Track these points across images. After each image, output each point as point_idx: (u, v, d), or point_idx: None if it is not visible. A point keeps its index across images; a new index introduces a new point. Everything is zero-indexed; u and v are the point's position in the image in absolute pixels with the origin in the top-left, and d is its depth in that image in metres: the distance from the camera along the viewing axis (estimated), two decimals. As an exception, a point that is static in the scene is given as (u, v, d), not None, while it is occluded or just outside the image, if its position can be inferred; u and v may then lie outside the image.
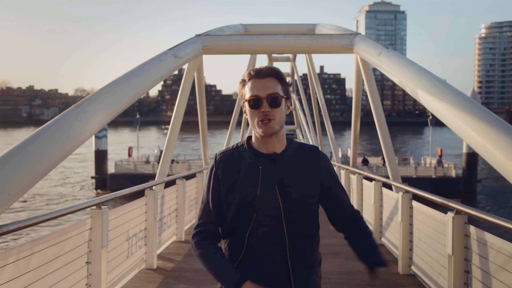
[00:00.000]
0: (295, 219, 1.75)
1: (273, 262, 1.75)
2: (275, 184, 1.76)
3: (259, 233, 1.75)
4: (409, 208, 5.39)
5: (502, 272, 3.16)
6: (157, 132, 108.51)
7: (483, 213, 3.36)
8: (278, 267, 1.75)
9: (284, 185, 1.76)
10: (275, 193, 1.76)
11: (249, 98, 1.76)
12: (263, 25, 10.47)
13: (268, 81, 1.77)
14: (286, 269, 1.75)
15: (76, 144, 3.47)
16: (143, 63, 5.20)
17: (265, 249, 1.75)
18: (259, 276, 1.75)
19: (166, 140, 7.74)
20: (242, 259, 1.78)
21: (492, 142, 3.13)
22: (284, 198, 1.75)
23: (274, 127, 1.75)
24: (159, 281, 5.09)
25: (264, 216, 1.75)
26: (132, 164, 32.53)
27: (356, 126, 9.16)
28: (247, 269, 1.77)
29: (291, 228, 1.74)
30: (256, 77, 1.77)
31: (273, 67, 1.82)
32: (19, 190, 2.78)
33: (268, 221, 1.75)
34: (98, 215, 4.02)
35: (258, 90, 1.75)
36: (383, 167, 30.08)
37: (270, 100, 1.74)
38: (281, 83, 1.80)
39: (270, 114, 1.74)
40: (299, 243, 1.76)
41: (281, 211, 1.74)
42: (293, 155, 1.83)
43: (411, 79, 4.74)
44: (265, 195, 1.75)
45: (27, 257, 3.00)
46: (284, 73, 1.86)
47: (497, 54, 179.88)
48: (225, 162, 1.84)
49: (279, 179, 1.77)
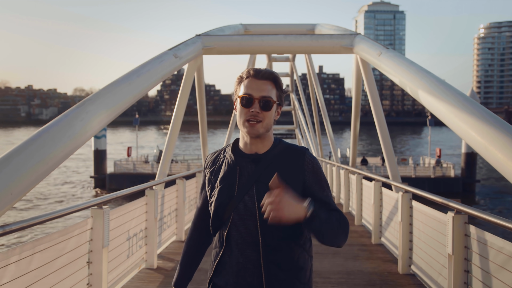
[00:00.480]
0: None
1: (251, 262, 1.75)
2: (253, 184, 1.77)
3: (237, 232, 1.77)
4: (409, 208, 5.40)
5: (502, 271, 3.17)
6: (156, 132, 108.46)
7: (484, 212, 3.38)
8: (256, 268, 1.75)
9: (262, 185, 1.75)
10: (252, 193, 1.76)
11: (242, 95, 1.77)
12: (262, 25, 10.48)
13: (265, 83, 1.78)
14: (261, 270, 1.75)
15: (78, 144, 3.48)
16: (143, 63, 5.21)
17: (243, 248, 1.76)
18: (239, 275, 1.76)
19: (166, 140, 7.74)
20: (222, 257, 1.81)
21: (492, 142, 3.15)
22: (260, 198, 1.72)
23: (259, 130, 1.76)
24: (159, 281, 5.10)
25: (240, 216, 1.76)
26: (131, 164, 32.53)
27: (355, 126, 9.17)
28: (228, 267, 1.79)
29: (265, 229, 1.72)
30: (254, 77, 1.79)
31: (272, 71, 1.83)
32: (21, 190, 2.79)
33: (244, 220, 1.76)
34: (99, 215, 4.03)
35: (253, 90, 1.76)
36: (382, 167, 30.11)
37: (263, 102, 1.76)
38: (276, 89, 1.81)
39: (259, 116, 1.75)
40: (274, 245, 1.74)
41: (256, 211, 1.73)
42: (276, 156, 1.81)
43: (412, 80, 4.75)
44: (242, 194, 1.77)
45: (29, 256, 3.01)
46: (282, 80, 1.86)
47: (496, 54, 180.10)
48: (212, 162, 1.93)
49: (257, 179, 1.77)
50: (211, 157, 1.97)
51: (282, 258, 1.75)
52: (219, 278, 1.82)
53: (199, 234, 2.01)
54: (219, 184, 1.83)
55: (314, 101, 19.08)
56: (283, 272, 1.75)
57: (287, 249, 1.76)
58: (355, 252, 6.52)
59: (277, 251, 1.75)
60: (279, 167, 1.78)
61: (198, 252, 2.02)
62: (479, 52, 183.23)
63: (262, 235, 1.73)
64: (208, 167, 1.94)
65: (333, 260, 5.97)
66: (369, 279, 5.26)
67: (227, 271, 1.79)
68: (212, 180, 1.88)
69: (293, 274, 1.77)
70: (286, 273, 1.76)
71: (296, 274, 1.78)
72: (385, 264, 5.90)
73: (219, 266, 1.82)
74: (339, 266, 5.75)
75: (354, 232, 8.09)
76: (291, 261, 1.77)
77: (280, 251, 1.75)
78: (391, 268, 5.70)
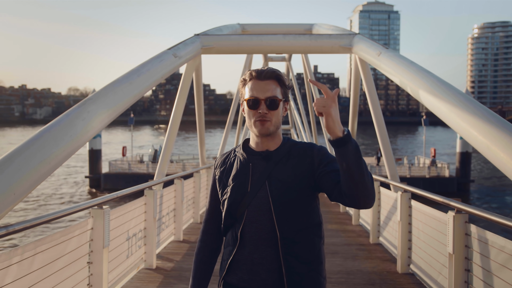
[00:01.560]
0: (285, 213, 1.76)
1: (266, 258, 1.76)
2: (265, 180, 1.80)
3: (251, 228, 1.79)
4: (408, 208, 5.42)
5: (503, 270, 3.19)
6: (151, 132, 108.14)
7: (485, 211, 3.39)
8: (271, 263, 1.76)
9: (274, 181, 1.79)
10: (265, 188, 1.79)
11: (248, 98, 1.80)
12: (260, 25, 10.49)
13: (268, 83, 1.81)
14: (279, 264, 1.76)
15: (80, 143, 3.47)
16: (143, 63, 5.19)
17: (258, 245, 1.77)
18: (253, 272, 1.77)
19: (165, 140, 7.72)
20: (236, 256, 1.82)
21: (495, 141, 3.16)
22: (273, 193, 1.76)
23: (269, 128, 1.80)
24: (159, 281, 5.09)
25: (255, 212, 1.79)
26: (126, 164, 32.41)
27: (353, 126, 9.19)
28: (241, 264, 1.80)
29: (282, 222, 1.75)
30: (257, 79, 1.81)
31: (274, 69, 1.86)
32: (24, 190, 2.78)
33: (259, 216, 1.78)
34: (99, 215, 4.02)
35: (258, 92, 1.79)
36: (377, 167, 30.19)
37: (269, 102, 1.79)
38: (280, 86, 1.84)
39: (267, 116, 1.79)
40: (292, 237, 1.76)
41: (271, 206, 1.76)
42: (286, 152, 1.84)
43: (412, 79, 4.77)
44: (255, 191, 1.80)
45: (31, 257, 3.00)
46: (284, 76, 1.88)
47: (490, 54, 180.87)
48: (222, 163, 1.96)
49: (269, 175, 1.80)
50: (221, 158, 1.99)
51: (301, 250, 1.77)
52: (232, 276, 1.83)
53: (212, 240, 1.98)
54: (232, 182, 1.86)
55: (311, 101, 19.10)
56: (303, 265, 1.76)
57: (306, 241, 1.79)
58: (354, 252, 6.54)
59: (295, 244, 1.76)
60: (289, 162, 1.82)
61: (212, 261, 1.99)
62: (473, 52, 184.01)
63: (279, 228, 1.75)
64: (219, 167, 1.96)
65: (332, 260, 5.98)
66: (368, 278, 5.27)
67: (241, 269, 1.81)
68: (224, 179, 1.90)
69: (314, 267, 1.79)
70: (306, 266, 1.77)
71: (317, 267, 1.80)
72: (384, 263, 5.92)
73: (233, 263, 1.83)
74: (338, 266, 5.76)
75: (351, 232, 8.11)
76: (310, 253, 1.79)
77: (299, 243, 1.77)
78: (390, 267, 5.72)
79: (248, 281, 1.79)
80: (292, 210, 1.77)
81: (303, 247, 1.78)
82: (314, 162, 1.80)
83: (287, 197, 1.77)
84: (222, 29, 8.60)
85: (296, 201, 1.78)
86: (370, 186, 1.61)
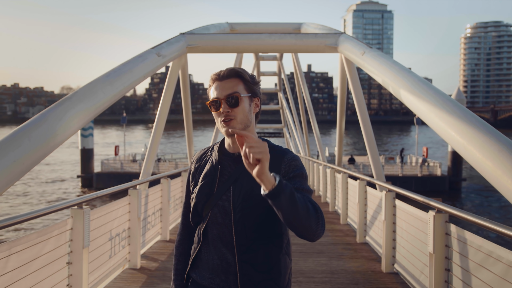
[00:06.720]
0: (244, 220, 1.73)
1: (226, 260, 1.76)
2: (231, 184, 1.78)
3: (214, 230, 1.78)
4: (392, 207, 5.43)
5: (481, 270, 3.19)
6: (144, 131, 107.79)
7: (463, 212, 3.41)
8: (230, 266, 1.75)
9: (239, 186, 1.76)
10: (230, 192, 1.77)
11: (210, 101, 1.78)
12: (249, 24, 10.46)
13: (228, 82, 1.77)
14: (236, 269, 1.74)
15: (56, 143, 3.43)
16: (125, 62, 5.15)
17: (218, 246, 1.77)
18: (213, 271, 1.78)
19: (150, 139, 7.70)
20: (198, 253, 1.83)
21: (471, 141, 3.17)
22: (235, 198, 1.74)
23: (235, 127, 1.75)
24: (142, 281, 5.06)
25: (218, 214, 1.78)
26: (118, 163, 32.28)
27: (341, 125, 9.20)
28: (204, 263, 1.81)
29: (239, 228, 1.73)
30: (217, 80, 1.79)
31: (235, 67, 1.82)
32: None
33: (221, 219, 1.77)
34: (79, 215, 3.98)
35: (218, 92, 1.76)
36: (370, 166, 30.28)
37: (229, 100, 1.75)
38: (243, 82, 1.79)
39: (230, 114, 1.74)
40: (248, 245, 1.73)
41: (231, 210, 1.75)
42: None
43: (394, 79, 4.77)
44: (220, 193, 1.78)
45: (5, 258, 2.96)
46: (249, 73, 1.83)
47: (482, 54, 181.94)
48: (198, 158, 1.96)
49: (235, 179, 1.78)
50: (199, 153, 1.99)
51: (258, 259, 1.73)
52: (196, 273, 1.85)
53: (190, 233, 1.98)
54: (201, 181, 1.85)
55: (301, 100, 19.11)
56: (259, 273, 1.73)
57: (264, 250, 1.74)
58: (339, 251, 6.54)
59: (252, 251, 1.73)
60: None
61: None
62: (466, 52, 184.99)
63: (236, 234, 1.73)
64: (194, 163, 1.96)
65: (317, 259, 5.98)
66: (352, 278, 5.27)
67: (203, 267, 1.81)
68: (196, 176, 1.91)
69: (270, 277, 1.75)
70: (262, 274, 1.73)
71: (274, 277, 1.76)
72: (369, 263, 5.92)
73: (196, 260, 1.85)
74: (323, 265, 5.76)
75: (339, 231, 8.11)
76: (268, 263, 1.75)
77: (256, 251, 1.73)
78: (375, 266, 5.72)
79: (208, 280, 1.79)
80: (252, 218, 1.73)
81: (260, 256, 1.74)
82: (281, 171, 1.75)
83: (248, 204, 1.73)
84: (209, 28, 8.57)
85: (257, 209, 1.73)
86: (311, 224, 1.57)
